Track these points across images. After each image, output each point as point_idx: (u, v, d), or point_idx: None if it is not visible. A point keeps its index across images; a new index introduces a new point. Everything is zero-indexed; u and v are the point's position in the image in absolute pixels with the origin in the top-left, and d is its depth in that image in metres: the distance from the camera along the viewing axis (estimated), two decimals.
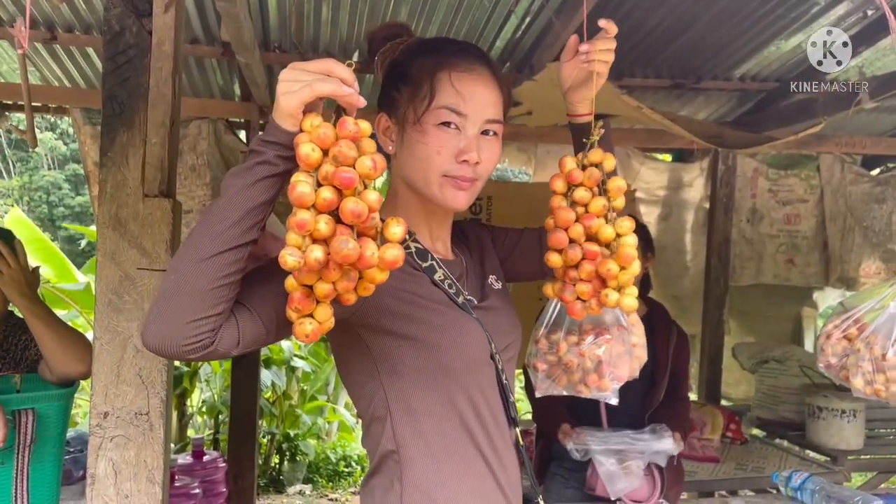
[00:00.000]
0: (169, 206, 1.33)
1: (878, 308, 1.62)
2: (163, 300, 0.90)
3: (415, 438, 1.11)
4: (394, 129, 1.18)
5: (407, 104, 1.15)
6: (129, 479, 1.31)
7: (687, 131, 2.93)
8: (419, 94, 1.14)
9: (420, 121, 1.13)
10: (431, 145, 1.12)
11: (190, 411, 4.72)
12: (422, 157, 1.14)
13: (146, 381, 1.31)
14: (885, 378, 1.59)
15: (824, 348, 1.72)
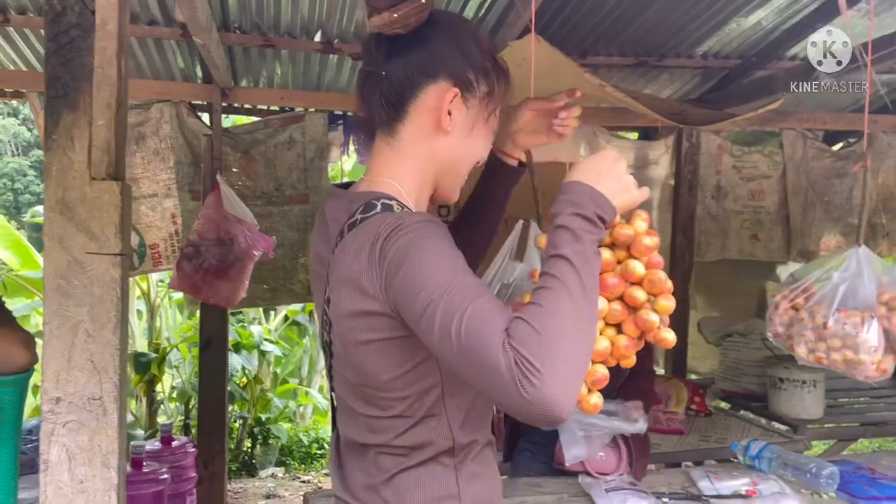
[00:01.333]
0: (117, 190, 1.31)
1: (824, 279, 1.66)
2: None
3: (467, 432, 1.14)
4: (459, 109, 1.14)
5: (484, 98, 1.16)
6: (84, 465, 1.30)
7: (650, 109, 2.95)
8: (495, 100, 1.17)
9: (488, 120, 1.17)
10: (486, 148, 1.17)
11: (160, 397, 4.69)
12: (475, 153, 1.17)
13: (98, 366, 1.30)
14: (827, 346, 1.63)
15: (772, 318, 1.76)
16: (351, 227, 1.09)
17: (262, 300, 4.16)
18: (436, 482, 1.12)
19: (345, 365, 1.13)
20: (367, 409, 1.13)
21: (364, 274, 1.03)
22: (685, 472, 2.21)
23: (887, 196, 4.85)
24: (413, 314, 0.97)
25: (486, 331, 0.90)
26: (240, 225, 3.37)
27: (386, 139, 1.16)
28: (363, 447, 1.17)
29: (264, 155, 3.97)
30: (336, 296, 1.10)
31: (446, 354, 0.95)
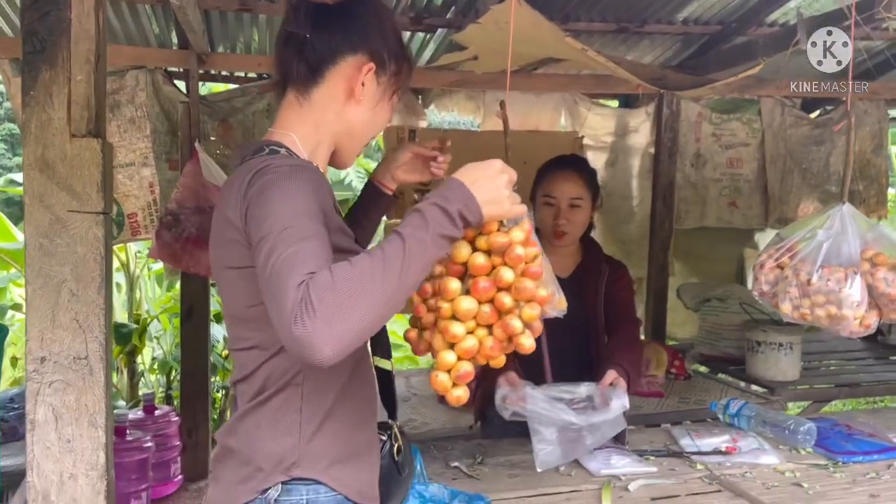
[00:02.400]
0: (98, 147, 1.29)
1: (808, 237, 1.68)
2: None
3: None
4: (372, 83, 1.25)
5: (392, 77, 1.27)
6: (71, 424, 1.30)
7: (631, 74, 2.95)
8: (401, 81, 1.29)
9: (391, 98, 1.29)
10: (385, 122, 1.31)
11: (141, 369, 4.66)
12: (376, 125, 1.28)
13: (83, 325, 1.29)
14: (811, 302, 1.65)
15: (758, 277, 1.78)
16: (240, 163, 1.19)
17: None
18: (280, 421, 1.15)
19: (221, 296, 1.22)
20: (234, 342, 1.21)
21: (231, 204, 1.12)
22: (666, 430, 2.25)
23: (864, 163, 4.90)
24: (252, 244, 1.06)
25: (294, 269, 0.97)
26: (219, 193, 3.33)
27: (298, 97, 1.23)
28: (232, 387, 1.24)
29: (242, 123, 3.91)
30: (214, 227, 1.19)
31: (261, 286, 1.02)
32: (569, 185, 2.21)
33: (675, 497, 1.80)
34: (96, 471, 1.31)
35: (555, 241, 2.21)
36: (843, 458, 2.03)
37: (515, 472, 1.93)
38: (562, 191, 2.19)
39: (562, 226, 2.17)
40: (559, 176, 2.23)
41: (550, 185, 2.22)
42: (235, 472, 1.17)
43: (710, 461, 2.00)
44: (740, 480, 1.89)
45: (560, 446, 1.78)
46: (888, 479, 1.92)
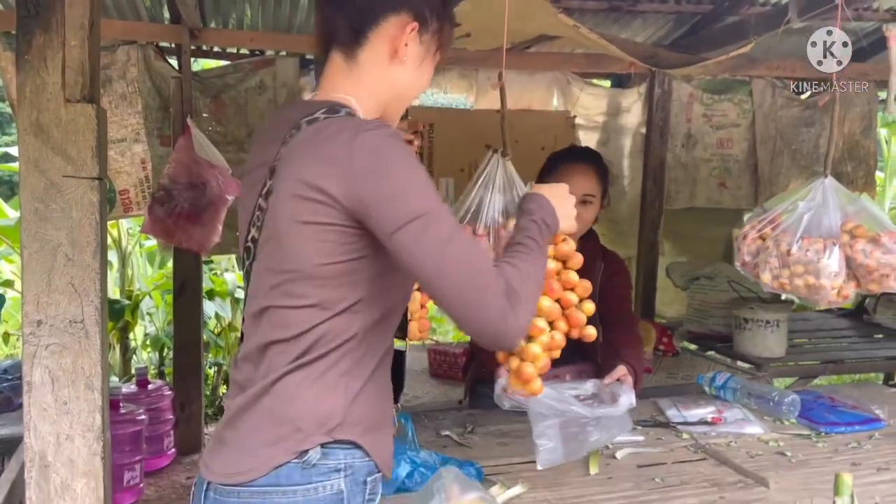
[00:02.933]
0: (93, 112, 1.30)
1: (790, 209, 1.71)
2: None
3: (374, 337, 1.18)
4: (415, 42, 1.22)
5: (434, 35, 1.24)
6: (67, 386, 1.32)
7: (623, 51, 2.96)
8: (443, 39, 1.26)
9: (434, 57, 1.27)
10: (428, 81, 1.27)
11: (133, 345, 4.68)
12: (420, 85, 1.26)
13: (79, 289, 1.31)
14: (790, 272, 1.69)
15: (740, 248, 1.81)
16: (311, 122, 1.12)
17: (235, 247, 4.14)
18: (327, 381, 1.11)
19: (272, 251, 1.12)
20: (282, 299, 1.11)
21: (324, 165, 1.06)
22: (654, 402, 2.28)
23: (852, 145, 4.93)
24: (388, 222, 1.04)
25: (480, 260, 1.07)
26: (212, 169, 3.34)
27: (344, 59, 1.20)
28: (262, 349, 1.14)
29: (235, 100, 3.91)
30: (284, 184, 1.10)
31: (427, 270, 1.05)
32: (583, 181, 2.09)
33: (662, 464, 1.83)
34: (93, 432, 1.33)
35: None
36: (826, 429, 2.07)
37: (505, 441, 1.96)
38: (575, 186, 1.97)
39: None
40: (575, 170, 2.10)
41: (562, 179, 2.01)
42: (267, 434, 1.10)
43: (695, 431, 2.04)
44: (725, 449, 1.93)
45: (562, 443, 1.68)
46: (869, 448, 1.96)
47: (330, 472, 1.10)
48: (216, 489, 1.13)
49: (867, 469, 1.82)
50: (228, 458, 1.13)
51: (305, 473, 1.09)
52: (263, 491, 1.09)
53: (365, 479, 1.14)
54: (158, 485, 3.44)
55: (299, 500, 1.08)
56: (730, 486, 1.71)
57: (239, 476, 1.10)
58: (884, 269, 1.65)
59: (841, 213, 1.71)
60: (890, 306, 4.03)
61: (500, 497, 1.59)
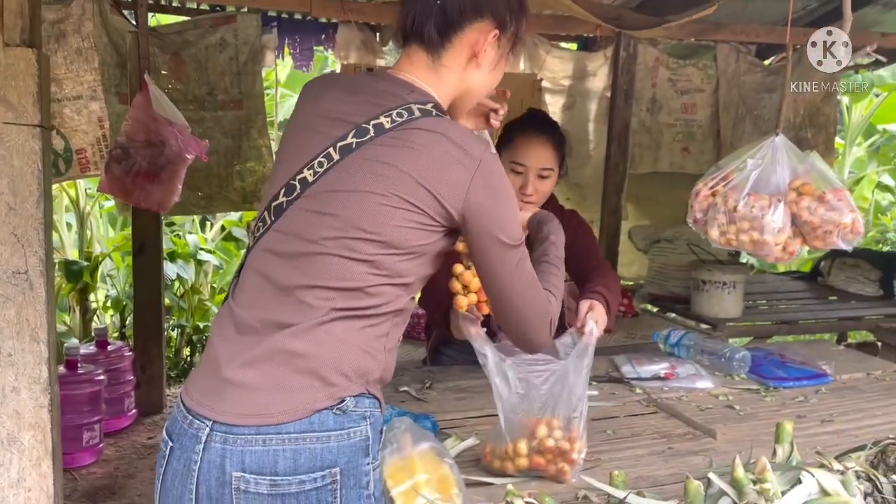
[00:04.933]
0: (33, 57, 1.26)
1: (742, 167, 1.73)
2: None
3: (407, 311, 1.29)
4: (494, 47, 1.27)
5: (511, 37, 1.28)
6: (12, 338, 1.30)
7: (587, 12, 2.95)
8: (518, 39, 1.31)
9: (507, 57, 1.31)
10: (499, 79, 1.33)
11: (94, 307, 4.61)
12: (491, 85, 1.33)
13: (21, 239, 1.28)
14: (736, 228, 1.72)
15: (693, 205, 1.84)
16: (423, 112, 1.19)
17: (196, 207, 4.09)
18: (371, 338, 1.17)
19: (345, 205, 1.15)
20: (345, 251, 1.13)
21: (447, 174, 1.16)
22: (609, 359, 2.32)
23: (813, 111, 5.00)
24: (494, 240, 1.22)
25: (540, 291, 1.33)
26: (170, 127, 3.27)
27: (428, 56, 1.26)
28: (299, 289, 1.14)
29: (195, 57, 3.82)
30: (395, 160, 1.15)
31: (506, 288, 1.28)
32: (542, 154, 2.03)
33: (614, 418, 1.87)
34: (39, 384, 1.31)
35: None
36: (775, 384, 2.12)
37: (463, 396, 1.98)
38: (533, 160, 2.01)
39: (529, 196, 2.02)
40: (532, 143, 2.03)
41: (522, 152, 2.03)
42: (306, 377, 1.10)
43: (648, 386, 2.08)
44: (676, 403, 1.97)
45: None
46: (815, 402, 2.02)
47: (359, 419, 1.14)
48: (228, 431, 1.08)
49: (812, 421, 1.87)
50: (252, 399, 1.09)
51: (338, 420, 1.11)
52: (296, 437, 1.08)
53: (381, 428, 1.21)
54: (119, 445, 3.42)
55: (332, 445, 1.10)
56: (678, 437, 1.75)
57: (268, 418, 1.07)
58: (827, 226, 1.69)
59: (790, 172, 1.74)
60: (843, 269, 4.14)
61: (453, 448, 1.61)
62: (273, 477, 1.06)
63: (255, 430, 1.07)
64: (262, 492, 1.07)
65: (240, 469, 1.07)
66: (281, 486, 1.07)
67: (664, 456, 1.65)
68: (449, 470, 1.34)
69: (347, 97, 1.24)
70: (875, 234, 7.50)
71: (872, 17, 4.66)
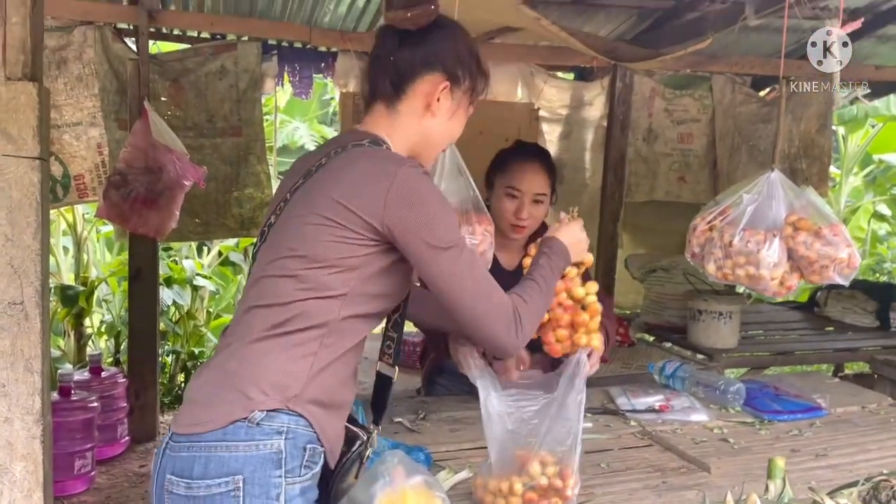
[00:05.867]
0: (34, 91, 1.28)
1: (738, 202, 1.75)
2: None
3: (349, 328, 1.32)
4: (447, 98, 1.38)
5: (466, 91, 1.40)
6: (6, 369, 1.29)
7: (584, 45, 2.99)
8: (475, 94, 1.42)
9: (466, 110, 1.42)
10: (459, 131, 1.44)
11: (89, 332, 4.60)
12: (451, 135, 1.43)
13: (18, 270, 1.29)
14: (732, 263, 1.73)
15: (691, 239, 1.85)
16: (355, 146, 1.33)
17: (194, 234, 4.10)
18: (294, 355, 1.23)
19: (281, 232, 1.30)
20: (275, 271, 1.27)
21: (364, 185, 1.25)
22: (605, 390, 2.32)
23: (808, 143, 5.04)
24: (420, 246, 1.26)
25: (493, 286, 1.33)
26: (169, 154, 3.30)
27: (386, 108, 1.39)
28: (246, 311, 1.27)
29: (194, 84, 3.86)
30: (317, 186, 1.29)
31: (451, 285, 1.29)
32: (536, 180, 2.09)
33: (609, 451, 1.86)
34: (32, 415, 1.31)
35: (512, 235, 2.12)
36: (769, 417, 2.12)
37: (457, 427, 1.98)
38: (528, 185, 2.07)
39: (523, 221, 2.08)
40: (527, 168, 2.09)
41: (516, 178, 2.08)
42: (227, 392, 1.21)
43: (643, 418, 2.08)
44: (671, 436, 1.97)
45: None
46: (809, 435, 2.02)
47: (272, 432, 1.19)
48: (173, 440, 1.22)
49: (806, 455, 1.87)
50: (191, 411, 1.24)
51: (249, 431, 1.18)
52: (210, 445, 1.19)
53: (304, 446, 1.22)
54: (111, 473, 3.39)
55: (240, 454, 1.18)
56: (672, 471, 1.75)
57: (196, 427, 1.20)
58: (823, 261, 1.70)
59: (786, 207, 1.75)
60: (840, 300, 4.15)
61: (446, 482, 1.60)
62: (189, 480, 1.18)
63: (186, 439, 1.21)
64: (181, 493, 1.19)
65: (171, 472, 1.20)
66: (193, 489, 1.18)
67: (658, 490, 1.64)
68: None
69: (309, 156, 1.44)
70: (871, 262, 7.53)
71: (867, 50, 4.73)
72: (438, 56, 1.37)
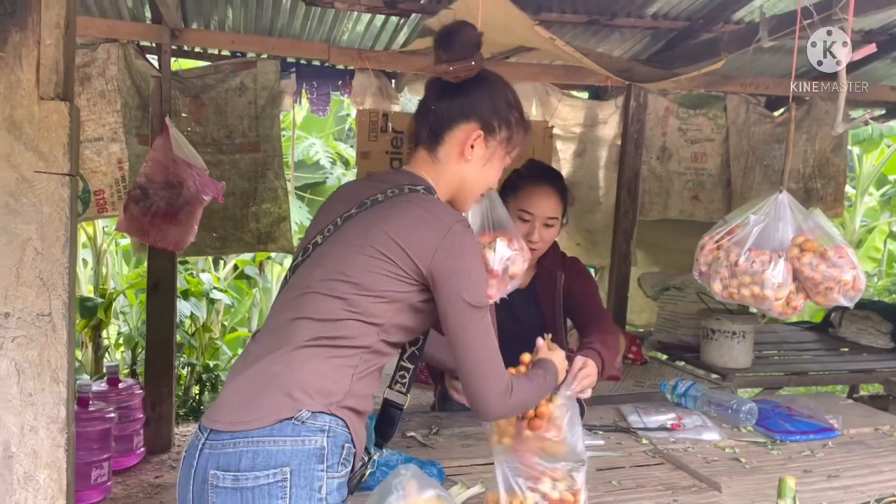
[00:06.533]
0: (66, 110, 1.32)
1: (745, 222, 1.77)
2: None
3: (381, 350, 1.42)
4: (480, 146, 1.49)
5: (502, 141, 1.51)
6: (33, 378, 1.33)
7: (598, 65, 3.03)
8: (512, 144, 1.53)
9: (503, 158, 1.53)
10: (496, 178, 1.55)
11: (106, 343, 4.66)
12: (486, 181, 1.53)
13: (47, 283, 1.33)
14: (738, 282, 1.75)
15: (698, 258, 1.87)
16: (412, 190, 1.44)
17: (211, 248, 4.15)
18: (338, 366, 1.33)
19: (335, 256, 1.40)
20: (326, 289, 1.36)
21: (418, 233, 1.37)
22: (616, 407, 2.33)
23: (823, 162, 5.04)
24: (453, 297, 1.37)
25: (497, 355, 1.42)
26: (189, 169, 3.35)
27: (427, 154, 1.51)
28: (291, 321, 1.36)
29: (214, 101, 3.93)
30: (373, 223, 1.39)
31: (465, 342, 1.38)
32: (548, 204, 2.12)
33: (620, 468, 1.88)
34: (57, 424, 1.35)
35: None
36: (781, 437, 2.12)
37: (469, 442, 2.00)
38: (540, 209, 2.10)
39: (534, 244, 2.10)
40: (539, 192, 2.12)
41: (529, 201, 2.11)
42: (277, 392, 1.29)
43: (655, 437, 2.09)
44: (682, 454, 1.98)
45: None
46: (822, 456, 2.02)
47: (317, 430, 1.28)
48: (213, 437, 1.29)
49: (818, 476, 1.87)
50: (233, 411, 1.31)
51: (296, 429, 1.27)
52: (258, 440, 1.26)
53: (343, 444, 1.32)
54: (126, 483, 3.43)
55: (288, 448, 1.26)
56: (683, 490, 1.76)
57: (241, 425, 1.27)
58: (828, 283, 1.72)
59: (794, 228, 1.77)
60: (855, 321, 4.13)
61: (459, 496, 1.62)
62: (236, 473, 1.25)
63: (230, 436, 1.28)
64: (227, 486, 1.25)
65: (215, 468, 1.27)
66: (241, 481, 1.25)
67: None
68: None
69: (360, 187, 1.55)
70: (887, 283, 7.48)
71: (882, 71, 4.74)
72: (474, 107, 1.48)
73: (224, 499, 1.25)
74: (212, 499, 1.26)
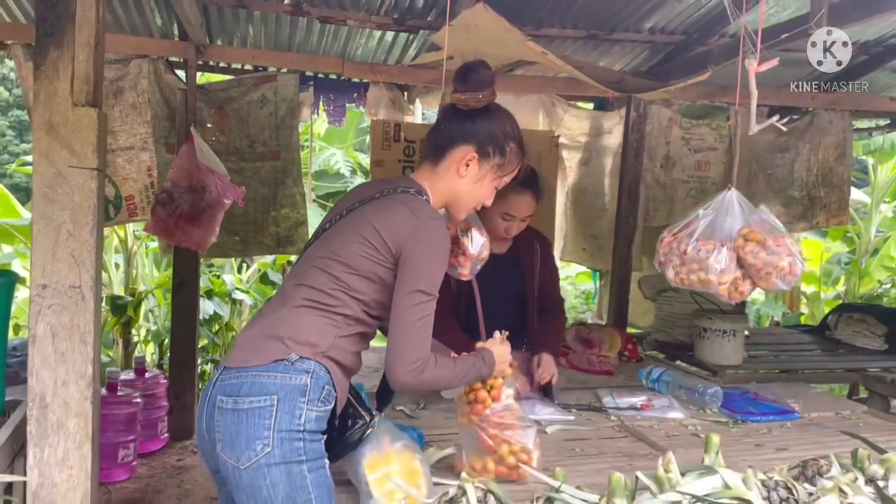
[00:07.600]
0: (95, 115, 1.57)
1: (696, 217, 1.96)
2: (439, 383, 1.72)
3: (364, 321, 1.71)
4: (473, 166, 1.73)
5: (495, 165, 1.74)
6: (65, 340, 1.58)
7: (590, 77, 3.23)
8: (504, 169, 1.76)
9: (493, 181, 1.76)
10: (487, 197, 1.79)
11: (136, 340, 4.95)
12: (476, 198, 1.77)
13: (77, 259, 1.58)
14: (687, 269, 1.94)
15: (658, 249, 2.06)
16: (403, 191, 1.70)
17: (233, 251, 4.42)
18: (325, 325, 1.61)
19: (332, 238, 1.69)
20: (322, 265, 1.65)
21: (397, 225, 1.62)
22: (593, 391, 2.52)
23: (826, 171, 5.16)
24: (408, 279, 1.59)
25: (426, 337, 1.61)
26: (211, 175, 3.62)
27: (431, 167, 1.77)
28: (295, 287, 1.65)
29: (237, 112, 4.20)
30: (365, 215, 1.67)
31: (406, 318, 1.59)
32: (528, 205, 2.49)
33: (587, 440, 2.06)
34: (84, 379, 1.59)
35: (499, 241, 2.52)
36: (743, 417, 2.29)
37: (451, 415, 2.17)
38: (522, 211, 2.48)
39: (512, 234, 2.53)
40: (524, 199, 2.46)
41: (513, 207, 2.45)
42: (274, 340, 1.58)
43: (624, 415, 2.27)
44: (647, 430, 2.16)
45: None
46: (777, 434, 2.18)
47: (302, 371, 1.56)
48: (225, 373, 1.58)
49: (768, 449, 2.04)
50: (241, 354, 1.61)
51: (286, 368, 1.55)
52: (256, 374, 1.55)
53: (324, 386, 1.57)
54: (151, 465, 3.69)
55: (278, 382, 1.54)
56: (640, 457, 1.94)
57: (245, 362, 1.57)
58: (767, 268, 1.90)
59: (742, 221, 1.96)
60: (850, 323, 4.24)
61: (434, 456, 1.83)
62: (236, 398, 1.53)
63: (236, 371, 1.57)
64: (229, 408, 1.53)
65: (221, 394, 1.56)
66: (239, 404, 1.53)
67: (622, 470, 1.80)
68: (419, 464, 1.57)
69: (367, 186, 1.84)
70: None
71: (884, 82, 4.87)
72: (475, 132, 1.71)
73: (226, 417, 1.53)
74: (217, 418, 1.54)
